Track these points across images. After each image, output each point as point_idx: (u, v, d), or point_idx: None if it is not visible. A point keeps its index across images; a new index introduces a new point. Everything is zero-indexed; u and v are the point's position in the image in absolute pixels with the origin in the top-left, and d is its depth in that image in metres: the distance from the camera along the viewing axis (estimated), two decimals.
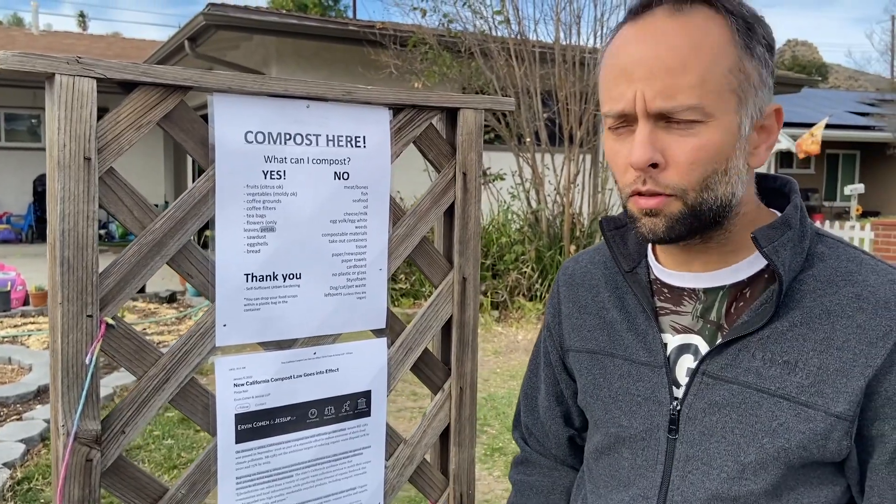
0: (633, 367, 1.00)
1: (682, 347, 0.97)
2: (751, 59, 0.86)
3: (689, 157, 0.86)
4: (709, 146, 0.85)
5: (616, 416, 1.01)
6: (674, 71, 0.84)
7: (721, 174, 0.87)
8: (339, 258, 1.20)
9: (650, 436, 0.97)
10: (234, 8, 8.97)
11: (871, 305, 0.87)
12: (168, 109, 1.04)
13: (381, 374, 1.27)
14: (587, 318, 1.08)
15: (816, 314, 0.89)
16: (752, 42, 0.86)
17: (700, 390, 0.93)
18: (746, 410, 0.90)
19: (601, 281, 1.09)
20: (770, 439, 0.88)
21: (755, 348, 0.90)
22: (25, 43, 16.10)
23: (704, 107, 0.84)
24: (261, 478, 1.15)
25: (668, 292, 0.99)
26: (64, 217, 0.97)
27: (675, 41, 0.84)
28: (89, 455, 1.01)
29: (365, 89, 1.20)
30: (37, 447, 3.95)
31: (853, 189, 16.59)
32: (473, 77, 8.43)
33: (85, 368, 1.00)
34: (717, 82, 0.84)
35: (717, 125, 0.85)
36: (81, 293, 0.99)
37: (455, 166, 1.33)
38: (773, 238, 0.88)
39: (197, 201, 1.08)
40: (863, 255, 0.93)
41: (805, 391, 0.87)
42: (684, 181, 0.87)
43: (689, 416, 0.93)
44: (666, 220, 0.89)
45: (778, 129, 0.91)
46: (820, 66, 41.86)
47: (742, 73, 0.85)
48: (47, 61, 0.95)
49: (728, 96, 0.85)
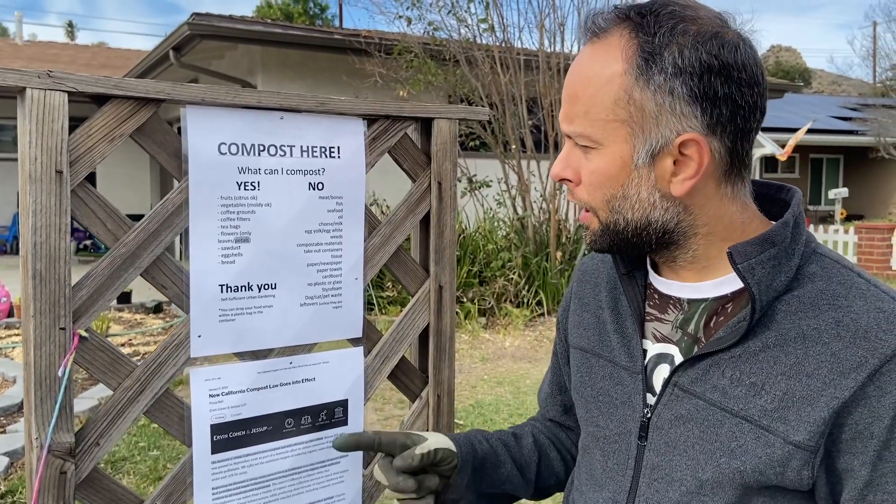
0: (615, 369, 1.01)
1: (661, 356, 0.97)
2: (644, 88, 0.84)
3: (586, 178, 0.92)
4: (598, 171, 0.89)
5: (594, 415, 1.03)
6: (571, 99, 0.90)
7: (621, 199, 0.89)
8: (314, 268, 1.20)
9: (622, 440, 0.98)
10: (219, 17, 8.98)
11: (849, 333, 0.83)
12: (141, 122, 1.05)
13: (357, 383, 1.27)
14: (586, 315, 1.10)
15: (791, 337, 0.86)
16: (650, 71, 0.83)
17: (670, 401, 0.92)
18: (708, 427, 0.88)
19: (604, 279, 1.10)
20: (727, 459, 0.87)
21: (725, 365, 0.88)
22: (9, 53, 16.03)
23: (591, 135, 0.88)
24: (237, 488, 1.15)
25: (658, 299, 0.99)
26: (36, 230, 0.97)
27: (578, 71, 0.90)
28: (63, 468, 1.01)
29: (339, 100, 1.21)
30: (21, 460, 3.92)
31: (837, 193, 16.74)
32: (458, 85, 8.46)
33: (58, 381, 1.00)
34: (603, 113, 0.86)
35: (608, 153, 0.88)
36: (54, 306, 0.99)
37: (430, 175, 1.34)
38: (749, 255, 0.86)
39: (171, 213, 1.08)
40: (857, 278, 0.88)
41: (767, 415, 0.85)
42: (590, 199, 0.93)
43: (657, 426, 0.94)
44: (591, 233, 0.96)
45: (700, 161, 0.85)
46: (803, 72, 42.25)
47: (632, 104, 0.85)
48: (18, 75, 0.95)
49: (616, 126, 0.86)
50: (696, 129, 0.84)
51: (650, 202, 0.88)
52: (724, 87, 0.83)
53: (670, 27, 0.84)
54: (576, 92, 0.89)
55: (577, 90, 0.89)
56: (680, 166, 0.86)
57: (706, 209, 0.90)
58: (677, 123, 0.84)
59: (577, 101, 0.89)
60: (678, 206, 0.89)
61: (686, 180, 0.86)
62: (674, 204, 0.89)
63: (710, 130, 0.85)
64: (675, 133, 0.84)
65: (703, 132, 0.84)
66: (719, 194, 0.89)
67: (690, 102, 0.83)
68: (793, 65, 43.39)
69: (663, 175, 0.87)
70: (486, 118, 1.44)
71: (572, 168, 0.92)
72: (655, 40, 0.83)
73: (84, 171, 1.01)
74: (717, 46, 0.83)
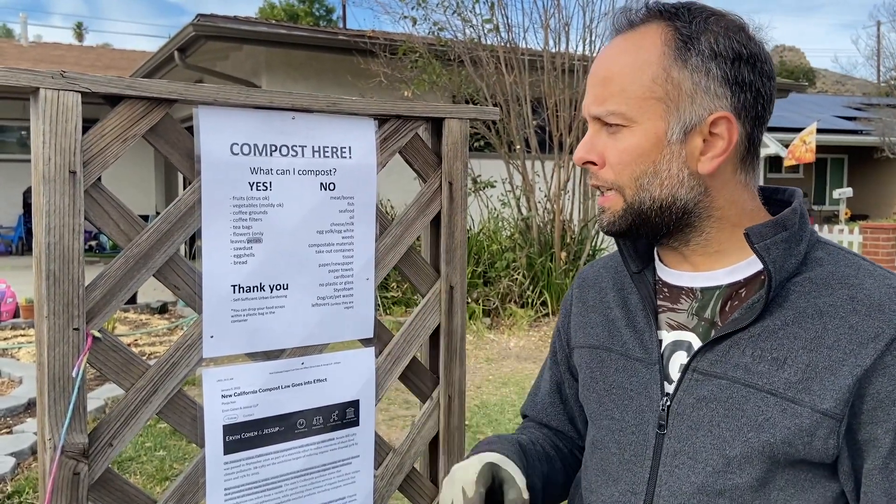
0: (629, 362, 1.03)
1: (676, 344, 0.99)
2: (682, 68, 0.91)
3: (616, 157, 0.94)
4: (630, 149, 0.93)
5: (609, 408, 1.04)
6: (604, 81, 0.94)
7: (651, 175, 0.93)
8: (325, 268, 1.20)
9: (639, 430, 0.99)
10: (224, 18, 8.99)
11: (864, 307, 0.88)
12: (153, 122, 1.05)
13: (369, 383, 1.27)
14: (592, 315, 1.12)
15: (809, 314, 0.90)
16: (688, 52, 0.91)
17: (689, 386, 0.95)
18: (733, 405, 0.91)
19: (609, 283, 1.13)
20: (755, 433, 0.89)
21: (745, 345, 0.92)
22: (14, 54, 16.07)
23: (625, 112, 0.92)
24: (249, 488, 1.15)
25: (668, 291, 1.02)
26: (49, 230, 0.97)
27: (611, 57, 0.94)
28: (76, 468, 1.01)
29: (350, 100, 1.21)
30: (27, 460, 3.92)
31: (842, 193, 16.69)
32: (463, 85, 8.46)
33: (72, 382, 1.00)
34: (640, 90, 0.91)
35: (641, 130, 0.92)
36: (68, 306, 0.99)
37: (441, 176, 1.33)
38: (765, 236, 0.91)
39: (183, 213, 1.08)
40: (862, 261, 0.94)
41: (792, 387, 0.88)
42: (617, 178, 0.95)
43: (678, 412, 0.95)
44: (609, 214, 0.98)
45: (730, 138, 0.91)
46: (807, 72, 42.17)
47: (669, 83, 0.91)
48: (31, 76, 0.95)
49: (653, 104, 0.91)
50: (727, 109, 0.91)
51: (679, 179, 0.93)
52: (751, 75, 0.91)
53: (704, 17, 0.92)
54: (610, 73, 0.93)
55: (612, 71, 0.93)
56: (708, 145, 0.92)
57: (723, 192, 0.95)
58: (710, 102, 0.90)
59: (611, 82, 0.93)
60: (700, 186, 0.94)
61: (714, 158, 0.92)
62: (698, 183, 0.94)
63: (736, 113, 0.91)
64: (707, 112, 0.90)
65: (732, 113, 0.91)
66: (735, 180, 0.95)
67: (723, 84, 0.90)
68: (797, 65, 43.31)
69: (693, 152, 0.92)
70: (496, 118, 1.43)
71: (597, 151, 0.96)
72: (692, 26, 0.91)
73: (97, 172, 1.01)
74: (746, 38, 0.91)
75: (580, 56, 8.12)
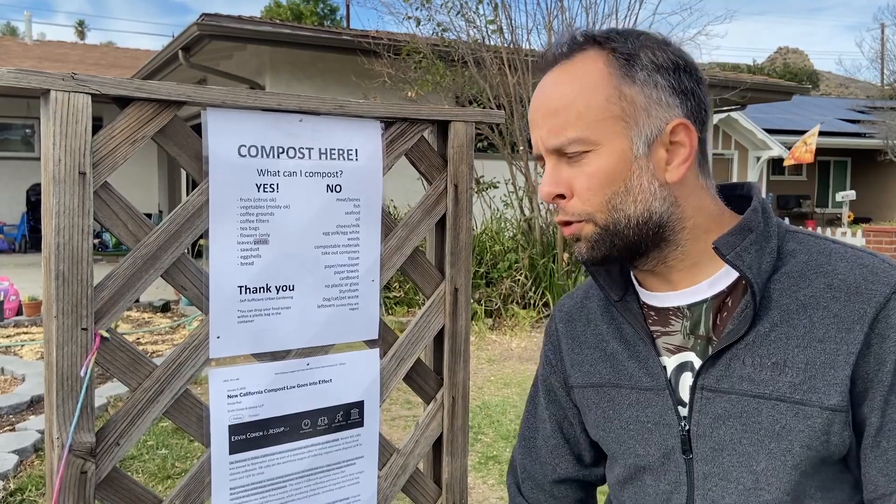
0: (640, 394, 1.01)
1: (681, 367, 0.99)
2: (632, 84, 0.91)
3: (585, 183, 0.93)
4: (599, 172, 0.92)
5: (631, 446, 1.03)
6: (557, 112, 0.93)
7: (623, 194, 0.92)
8: (331, 270, 1.21)
9: (668, 459, 0.99)
10: (228, 18, 9.00)
11: (843, 293, 0.90)
12: (162, 124, 1.06)
13: (373, 384, 1.28)
14: (587, 351, 1.10)
15: (794, 310, 0.91)
16: (633, 69, 0.91)
17: (703, 406, 0.95)
18: (748, 419, 0.92)
19: (597, 313, 1.10)
20: (776, 443, 0.90)
21: (744, 355, 0.92)
22: (19, 52, 16.09)
23: (587, 136, 0.91)
24: (255, 488, 1.16)
25: (656, 314, 1.01)
26: (59, 231, 0.98)
27: (557, 87, 0.94)
28: (84, 467, 1.02)
29: (357, 103, 1.21)
30: (30, 458, 3.93)
31: (845, 195, 16.68)
32: (467, 86, 8.47)
33: (80, 381, 1.01)
34: (597, 112, 0.91)
35: (606, 151, 0.92)
36: (76, 306, 1.00)
37: (446, 178, 1.34)
38: (734, 244, 0.92)
39: (191, 214, 1.09)
40: (832, 244, 0.95)
41: (798, 389, 0.89)
42: (587, 207, 0.94)
43: (699, 434, 0.96)
44: (585, 242, 0.96)
45: (691, 144, 0.92)
46: (811, 74, 42.11)
47: (623, 100, 0.91)
48: (42, 77, 0.96)
49: (611, 123, 0.91)
50: (682, 116, 0.93)
51: (651, 192, 0.93)
52: (690, 82, 0.94)
53: (635, 36, 0.94)
54: (559, 104, 0.93)
55: (561, 102, 0.93)
56: (672, 154, 0.93)
57: (691, 200, 0.96)
58: (665, 113, 0.92)
59: (564, 111, 0.93)
60: (671, 197, 0.94)
61: (681, 165, 0.93)
62: (669, 193, 0.94)
63: (690, 119, 0.93)
64: (664, 121, 0.92)
65: (688, 119, 0.93)
66: (699, 185, 0.96)
67: (671, 94, 0.92)
68: (800, 67, 43.27)
69: (660, 163, 0.93)
70: (501, 121, 1.44)
71: (564, 184, 0.95)
72: (628, 45, 0.93)
73: (107, 173, 1.02)
74: (677, 50, 0.94)
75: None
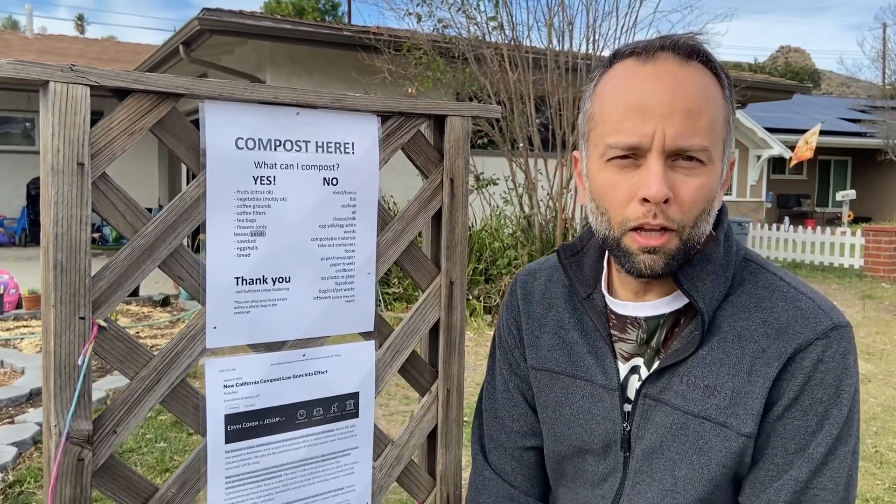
0: (594, 388, 1.07)
1: (633, 370, 1.05)
2: (733, 113, 0.97)
3: (691, 195, 0.91)
4: (706, 187, 0.93)
5: (578, 433, 1.09)
6: (692, 113, 0.89)
7: (707, 214, 0.95)
8: (327, 262, 1.22)
9: (610, 449, 1.06)
10: (229, 13, 8.99)
11: (773, 330, 0.94)
12: (160, 116, 1.07)
13: (368, 376, 1.29)
14: (546, 336, 1.14)
15: (730, 339, 0.96)
16: (733, 99, 0.96)
17: (644, 411, 1.02)
18: (678, 431, 0.98)
19: (560, 301, 1.14)
20: (697, 456, 0.97)
21: (683, 373, 0.98)
22: (20, 46, 16.08)
23: (710, 150, 0.92)
24: (250, 477, 1.17)
25: (616, 320, 1.06)
26: (57, 221, 0.99)
27: (690, 87, 0.90)
28: (81, 455, 1.03)
29: (354, 97, 1.22)
30: (29, 450, 3.95)
31: (845, 195, 16.69)
32: (467, 83, 8.46)
33: (77, 369, 1.02)
34: (719, 130, 0.93)
35: (714, 170, 0.94)
36: (74, 295, 1.01)
37: (443, 172, 1.35)
38: (692, 275, 0.96)
39: (189, 206, 1.10)
40: (780, 281, 0.99)
41: (723, 412, 0.95)
42: (685, 217, 0.92)
43: (638, 436, 1.02)
44: (664, 256, 0.93)
45: (729, 180, 1.01)
46: (812, 73, 42.07)
47: (728, 126, 0.95)
48: (41, 69, 0.97)
49: (722, 144, 0.95)
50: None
51: (714, 216, 0.98)
52: None
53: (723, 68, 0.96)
54: (699, 107, 0.90)
55: (700, 105, 0.90)
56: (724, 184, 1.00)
57: None
58: (730, 147, 0.97)
59: (702, 116, 0.90)
60: None
61: (721, 191, 0.99)
62: None
63: None
64: (730, 154, 0.98)
65: None
66: None
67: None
68: (802, 66, 43.23)
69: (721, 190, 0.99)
70: (498, 116, 1.45)
71: (670, 188, 0.91)
72: (724, 74, 0.95)
73: (105, 164, 1.03)
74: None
75: (584, 55, 8.12)
